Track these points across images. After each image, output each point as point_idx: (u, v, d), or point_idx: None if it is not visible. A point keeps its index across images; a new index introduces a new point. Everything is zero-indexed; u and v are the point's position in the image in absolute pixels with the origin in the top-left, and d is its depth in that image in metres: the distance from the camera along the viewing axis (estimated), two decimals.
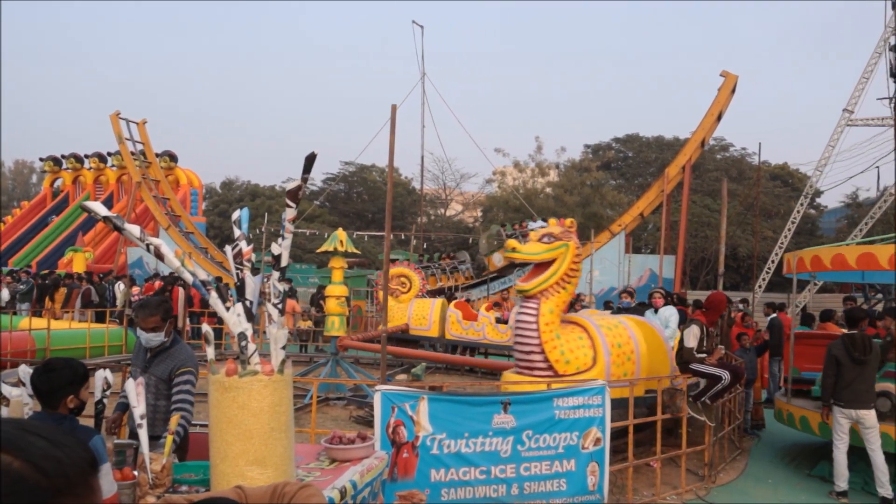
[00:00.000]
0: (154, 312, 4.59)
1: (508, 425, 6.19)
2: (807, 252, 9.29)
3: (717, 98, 25.63)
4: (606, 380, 7.14)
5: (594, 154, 51.89)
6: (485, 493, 6.16)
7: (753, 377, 10.83)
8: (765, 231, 39.37)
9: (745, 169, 46.90)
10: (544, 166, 42.40)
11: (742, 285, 38.14)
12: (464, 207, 57.48)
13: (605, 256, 25.09)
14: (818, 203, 48.34)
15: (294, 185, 3.45)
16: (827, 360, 7.85)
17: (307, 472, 4.22)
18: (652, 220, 37.34)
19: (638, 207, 26.38)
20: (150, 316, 4.59)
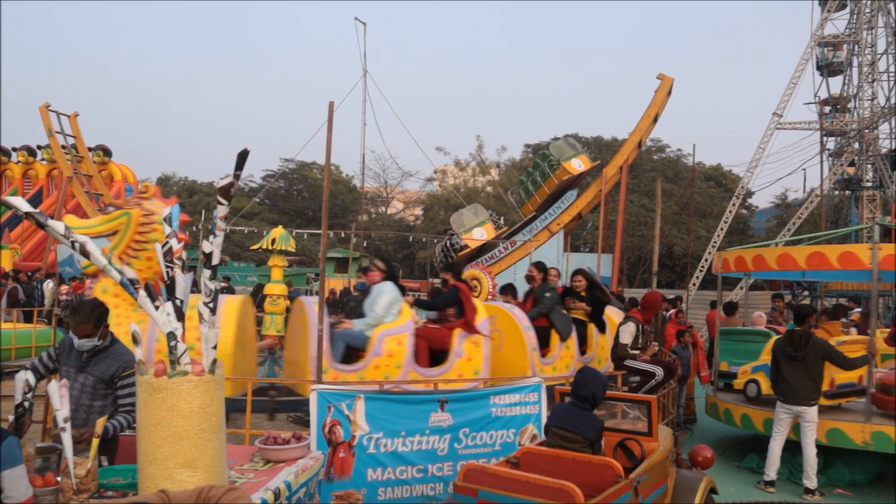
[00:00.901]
0: (86, 321, 4.47)
1: (445, 423, 6.21)
2: (730, 252, 9.59)
3: (654, 100, 26.16)
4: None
5: (534, 153, 52.43)
6: (422, 492, 6.17)
7: (686, 373, 11.10)
8: (699, 230, 40.40)
9: (681, 170, 48.04)
10: (485, 165, 42.65)
11: (677, 283, 39.04)
12: (405, 206, 57.45)
13: (543, 255, 25.36)
14: (750, 203, 49.83)
15: (226, 181, 3.39)
16: (771, 356, 8.09)
17: (240, 473, 4.16)
18: (590, 219, 37.94)
19: (576, 207, 26.74)
20: (81, 324, 4.47)
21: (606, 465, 4.56)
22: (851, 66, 34.21)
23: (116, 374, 4.56)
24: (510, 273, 25.24)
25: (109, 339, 4.65)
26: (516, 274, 24.87)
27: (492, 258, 27.05)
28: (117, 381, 4.56)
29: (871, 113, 31.42)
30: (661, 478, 5.11)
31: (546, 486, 4.17)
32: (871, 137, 31.48)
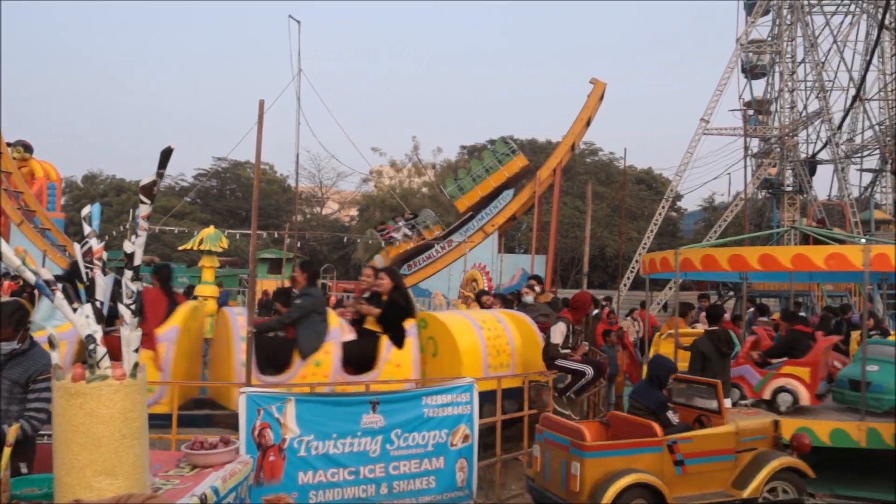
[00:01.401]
0: (6, 324, 4.34)
1: (377, 425, 6.17)
2: (657, 254, 9.86)
3: (587, 104, 26.62)
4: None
5: (470, 155, 52.69)
6: (354, 494, 6.12)
7: (615, 372, 11.32)
8: (630, 232, 41.27)
9: (613, 172, 49.02)
10: (421, 166, 42.68)
11: (609, 284, 39.79)
12: (340, 206, 57.03)
13: (478, 256, 25.53)
14: (679, 206, 51.21)
15: (148, 180, 3.30)
16: (693, 355, 8.31)
17: (165, 480, 4.05)
18: (525, 221, 38.32)
19: (511, 208, 26.99)
20: (1, 327, 4.32)
21: (649, 426, 6.16)
22: (774, 72, 35.53)
23: (31, 377, 4.43)
24: (445, 274, 25.36)
25: (29, 342, 4.53)
26: (451, 275, 25.01)
27: (428, 258, 27.10)
28: (31, 384, 4.43)
29: (791, 120, 32.64)
30: (720, 448, 6.32)
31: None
32: (792, 144, 32.70)
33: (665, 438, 6.08)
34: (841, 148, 32.03)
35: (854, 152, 33.08)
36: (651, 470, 5.95)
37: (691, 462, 6.15)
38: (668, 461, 6.07)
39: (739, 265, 8.71)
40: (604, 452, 5.98)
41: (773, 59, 35.10)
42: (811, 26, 33.67)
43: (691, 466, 6.16)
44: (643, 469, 5.90)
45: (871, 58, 31.00)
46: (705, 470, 6.23)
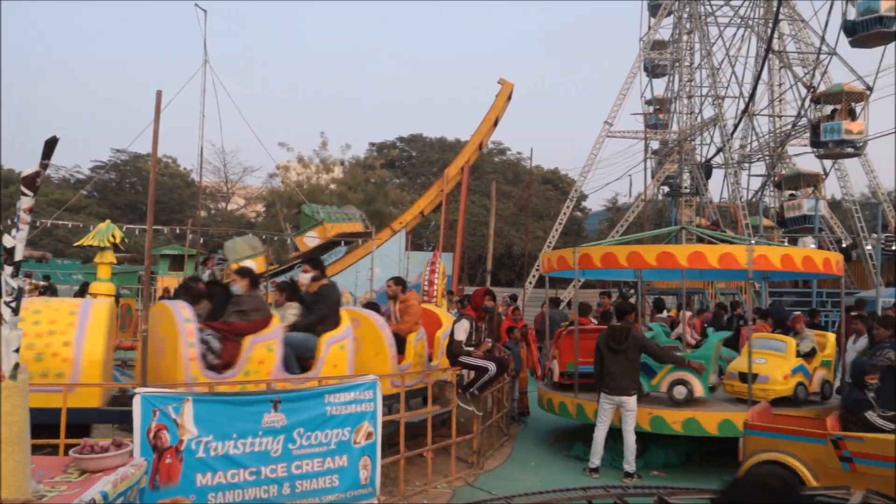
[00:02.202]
0: None
1: (279, 424, 6.09)
2: (555, 252, 10.10)
3: (495, 104, 26.96)
4: None
5: (379, 152, 52.59)
6: (255, 495, 6.01)
7: (519, 368, 11.53)
8: (536, 231, 42.07)
9: (521, 172, 49.85)
10: (329, 162, 42.21)
11: (516, 282, 40.45)
12: (246, 202, 55.78)
13: (385, 254, 25.48)
14: (584, 206, 52.55)
15: (31, 171, 3.15)
16: (595, 349, 8.55)
17: (51, 486, 3.88)
18: (433, 219, 38.52)
19: (418, 206, 27.08)
20: None
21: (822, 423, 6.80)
22: (674, 73, 36.96)
23: None
24: (351, 272, 25.18)
25: None
26: (358, 273, 24.85)
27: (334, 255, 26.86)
28: None
29: (689, 125, 34.03)
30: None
31: None
32: (689, 148, 34.09)
33: (831, 433, 6.42)
34: (733, 154, 33.61)
35: (745, 158, 34.77)
36: (810, 460, 6.38)
37: (861, 462, 6.29)
38: (833, 455, 6.35)
39: (637, 262, 9.04)
40: (763, 433, 6.69)
41: (673, 61, 36.51)
42: (707, 36, 35.19)
43: (861, 466, 6.29)
44: (799, 455, 6.40)
45: (759, 74, 32.67)
46: (879, 473, 6.19)
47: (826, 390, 9.33)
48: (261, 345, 7.32)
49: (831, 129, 28.23)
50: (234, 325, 7.29)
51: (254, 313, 7.35)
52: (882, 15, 26.32)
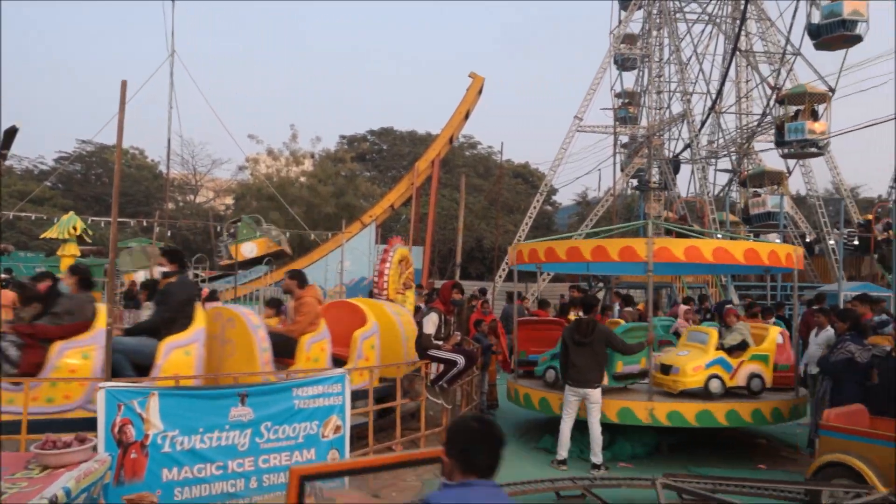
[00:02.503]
0: None
1: (246, 418, 6.05)
2: (524, 245, 10.16)
3: (465, 97, 26.98)
4: None
5: (349, 145, 52.35)
6: (222, 489, 5.97)
7: (488, 360, 11.58)
8: (507, 225, 42.20)
9: (491, 166, 49.93)
10: (299, 155, 41.92)
11: (486, 275, 40.54)
12: (215, 194, 55.23)
13: (355, 247, 25.42)
14: (554, 200, 52.81)
15: None
16: (560, 343, 8.60)
17: (12, 483, 3.83)
18: (404, 212, 38.49)
19: (388, 199, 27.06)
20: None
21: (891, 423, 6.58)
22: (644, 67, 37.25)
23: None
24: (321, 265, 25.08)
25: None
26: (327, 266, 24.77)
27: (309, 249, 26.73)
28: None
29: (658, 120, 34.35)
30: None
31: None
32: (658, 143, 34.41)
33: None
34: (701, 149, 33.99)
35: (712, 154, 35.18)
36: (879, 462, 6.18)
37: None
38: None
39: (601, 256, 9.15)
40: (836, 434, 6.54)
41: (643, 56, 36.83)
42: (676, 32, 35.51)
43: None
44: (867, 457, 6.23)
45: (726, 73, 33.04)
46: None
47: (755, 385, 9.26)
48: (74, 351, 6.66)
49: (795, 129, 28.92)
50: (38, 328, 6.55)
51: (67, 316, 6.62)
52: (845, 18, 26.80)
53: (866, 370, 7.47)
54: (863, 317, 8.55)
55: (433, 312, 8.53)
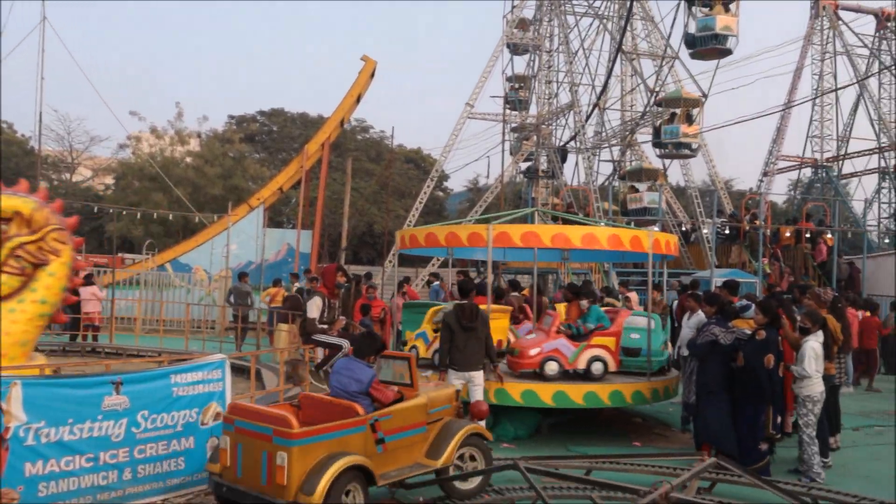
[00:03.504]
0: None
1: (121, 407, 5.85)
2: (407, 231, 10.26)
3: (357, 81, 26.71)
4: None
5: (238, 125, 50.86)
6: (92, 482, 5.75)
7: None
8: (398, 210, 42.18)
9: (383, 150, 49.72)
10: (184, 134, 40.36)
11: (377, 260, 40.45)
12: (94, 173, 52.47)
13: (242, 230, 24.83)
14: (446, 186, 53.21)
15: None
16: (442, 327, 8.67)
17: None
18: (294, 195, 37.82)
19: (277, 182, 26.55)
20: None
21: (349, 407, 5.85)
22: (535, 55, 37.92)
23: None
24: (206, 248, 24.36)
25: None
26: (213, 250, 24.07)
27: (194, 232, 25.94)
28: None
29: (547, 110, 35.14)
30: (414, 422, 6.30)
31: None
32: (547, 132, 35.22)
33: (368, 417, 5.89)
34: (587, 140, 35.04)
35: (597, 145, 36.32)
36: (358, 451, 5.67)
37: (391, 438, 6.05)
38: (371, 440, 5.88)
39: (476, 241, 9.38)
40: (313, 438, 5.43)
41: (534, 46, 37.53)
42: (565, 24, 36.33)
43: (391, 443, 6.05)
44: (352, 451, 5.60)
45: (610, 70, 34.15)
46: (402, 445, 6.19)
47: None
48: None
49: (670, 131, 30.55)
50: None
51: None
52: (717, 33, 28.38)
53: (730, 352, 7.94)
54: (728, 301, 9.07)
55: (316, 296, 8.46)
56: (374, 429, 5.88)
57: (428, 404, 6.44)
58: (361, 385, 6.02)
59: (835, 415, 9.06)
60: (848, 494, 6.50)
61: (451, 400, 6.85)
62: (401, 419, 6.17)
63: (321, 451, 5.42)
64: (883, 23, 39.44)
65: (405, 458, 6.20)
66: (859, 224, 29.00)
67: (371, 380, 6.06)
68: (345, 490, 5.43)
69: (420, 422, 6.34)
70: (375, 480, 5.73)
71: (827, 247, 23.52)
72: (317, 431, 5.48)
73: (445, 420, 6.60)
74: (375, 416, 5.91)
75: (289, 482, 5.23)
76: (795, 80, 41.45)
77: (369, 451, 5.80)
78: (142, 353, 13.96)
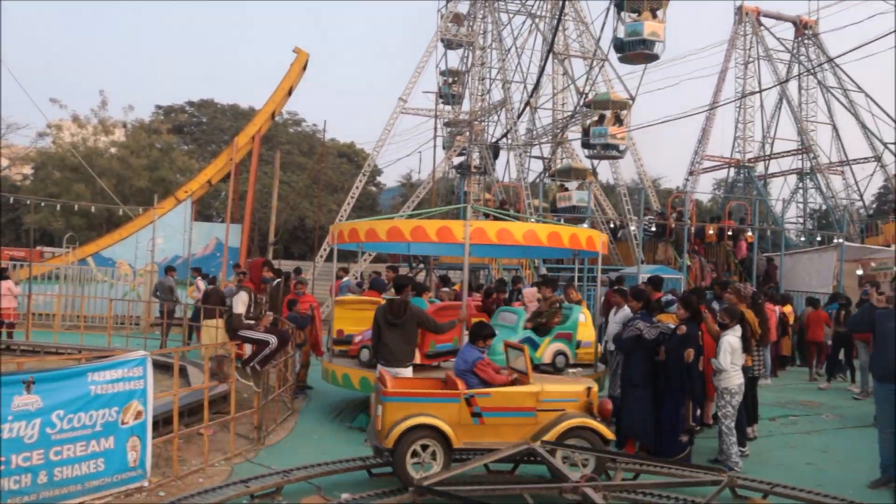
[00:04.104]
0: None
1: (34, 407, 5.61)
2: (345, 225, 10.17)
3: (289, 73, 26.36)
4: None
5: (166, 116, 49.50)
6: (4, 486, 5.50)
7: (304, 341, 11.47)
8: (330, 204, 41.78)
9: (315, 144, 49.16)
10: (109, 124, 39.03)
11: (309, 255, 39.99)
12: (11, 162, 50.31)
13: (169, 223, 24.21)
14: (379, 181, 52.96)
15: None
16: (374, 321, 8.64)
17: None
18: (223, 189, 37.06)
19: (206, 174, 25.99)
20: None
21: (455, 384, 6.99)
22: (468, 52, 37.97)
23: None
24: (131, 242, 23.69)
25: None
26: (138, 244, 23.41)
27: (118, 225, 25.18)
28: None
29: (480, 107, 35.29)
30: (519, 405, 6.91)
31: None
32: (479, 129, 35.38)
33: (463, 392, 6.81)
34: (519, 137, 35.35)
35: (529, 143, 36.69)
36: (446, 418, 6.66)
37: (490, 415, 6.81)
38: (466, 412, 6.75)
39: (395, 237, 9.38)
40: (400, 398, 6.76)
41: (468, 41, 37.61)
42: (499, 21, 36.53)
43: (489, 419, 6.81)
44: (438, 416, 6.64)
45: (541, 70, 34.52)
46: (505, 423, 6.86)
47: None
48: None
49: (598, 133, 31.21)
50: None
51: None
52: (645, 38, 29.07)
53: (654, 346, 8.14)
54: (652, 297, 9.29)
55: (243, 291, 8.29)
56: (469, 403, 6.76)
57: (540, 393, 6.97)
58: (467, 365, 7.01)
59: (752, 405, 9.39)
60: (763, 482, 6.75)
61: (580, 395, 7.17)
62: (502, 399, 6.88)
63: (407, 410, 6.67)
64: (801, 30, 41.09)
65: (510, 435, 6.83)
66: (778, 222, 30.08)
67: (475, 361, 6.99)
68: (419, 444, 6.59)
69: (528, 407, 6.93)
70: (452, 443, 6.62)
71: (747, 244, 24.39)
72: (404, 394, 6.86)
73: (567, 412, 7.00)
74: (472, 392, 6.81)
75: (382, 429, 6.65)
76: (720, 83, 42.78)
77: (463, 421, 6.74)
78: (60, 351, 13.49)
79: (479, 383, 6.95)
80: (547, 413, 6.98)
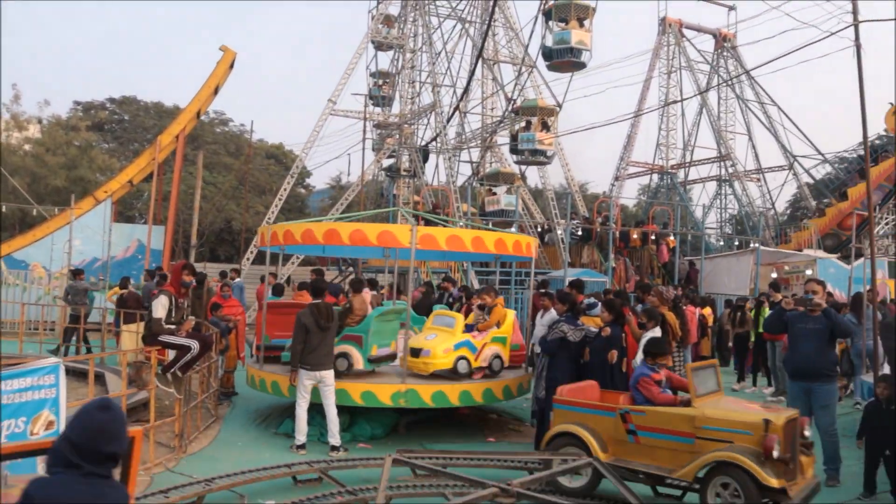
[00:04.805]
0: None
1: None
2: (278, 226, 10.05)
3: (215, 71, 25.80)
4: None
5: (85, 112, 47.77)
6: None
7: (227, 346, 11.24)
8: (257, 206, 41.07)
9: (243, 145, 48.24)
10: (22, 119, 37.45)
11: (236, 257, 39.22)
12: None
13: (87, 224, 23.35)
14: (308, 183, 52.34)
15: None
16: (296, 327, 8.51)
17: None
18: (146, 189, 36.00)
19: (127, 174, 25.17)
20: None
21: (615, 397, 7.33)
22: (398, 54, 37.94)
23: None
24: (47, 243, 22.76)
25: None
26: (54, 245, 22.51)
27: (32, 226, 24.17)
28: None
29: (409, 110, 35.30)
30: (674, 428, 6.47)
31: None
32: (409, 132, 35.38)
33: (619, 407, 6.79)
34: (448, 141, 35.50)
35: (458, 147, 36.89)
36: (602, 431, 6.78)
37: (644, 434, 6.61)
38: (621, 428, 6.70)
39: (334, 239, 9.33)
40: (563, 406, 7.14)
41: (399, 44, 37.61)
42: (429, 24, 36.60)
43: (644, 438, 6.61)
44: (594, 428, 6.80)
45: (471, 76, 34.79)
46: (661, 445, 6.51)
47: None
48: None
49: (526, 139, 31.65)
50: None
51: None
52: (572, 46, 29.61)
53: (579, 348, 8.28)
54: (577, 300, 9.45)
55: (163, 295, 8.06)
56: (625, 419, 6.67)
57: (698, 418, 6.38)
58: (632, 381, 7.02)
59: None
60: None
61: (756, 428, 6.09)
62: (656, 420, 6.58)
63: (567, 417, 7.05)
64: (720, 42, 42.59)
65: (666, 459, 6.49)
66: (699, 227, 31.04)
67: (638, 377, 6.92)
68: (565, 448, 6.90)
69: (685, 432, 6.43)
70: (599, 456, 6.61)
71: (668, 248, 25.11)
72: (567, 402, 7.18)
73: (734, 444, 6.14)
74: (627, 408, 6.75)
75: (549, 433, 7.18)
76: (644, 91, 43.93)
77: (618, 437, 6.72)
78: None
79: (644, 400, 6.76)
80: (708, 442, 6.25)
